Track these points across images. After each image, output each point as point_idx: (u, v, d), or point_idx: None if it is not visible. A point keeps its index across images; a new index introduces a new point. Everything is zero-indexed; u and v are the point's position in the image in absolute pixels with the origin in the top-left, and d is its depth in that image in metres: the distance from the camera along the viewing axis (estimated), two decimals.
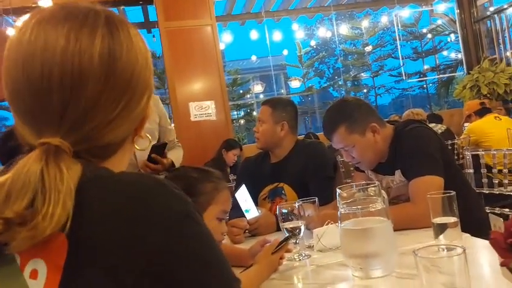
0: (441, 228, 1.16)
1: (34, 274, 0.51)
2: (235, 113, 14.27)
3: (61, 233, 0.51)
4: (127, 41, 0.61)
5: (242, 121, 14.40)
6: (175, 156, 2.33)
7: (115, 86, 0.59)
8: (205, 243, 0.55)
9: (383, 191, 1.14)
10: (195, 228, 0.55)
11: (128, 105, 0.60)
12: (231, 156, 4.97)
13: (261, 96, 14.91)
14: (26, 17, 0.62)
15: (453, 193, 1.18)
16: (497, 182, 2.38)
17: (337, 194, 1.13)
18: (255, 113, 14.12)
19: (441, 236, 1.16)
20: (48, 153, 0.54)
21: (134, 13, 7.22)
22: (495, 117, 4.38)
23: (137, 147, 0.69)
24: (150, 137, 0.80)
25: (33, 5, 5.31)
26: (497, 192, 2.37)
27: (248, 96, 14.68)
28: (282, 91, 19.18)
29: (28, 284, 0.51)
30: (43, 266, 0.51)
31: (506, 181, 2.42)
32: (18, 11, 5.44)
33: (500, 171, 2.43)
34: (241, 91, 14.63)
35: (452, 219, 1.16)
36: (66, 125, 0.57)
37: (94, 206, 0.52)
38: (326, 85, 19.84)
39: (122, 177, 0.57)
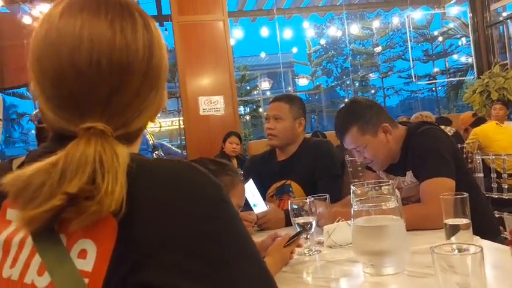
0: (453, 230, 1.17)
1: (83, 254, 0.52)
2: (242, 108, 14.25)
3: (110, 215, 0.52)
4: (157, 34, 0.65)
5: (248, 117, 14.40)
6: None
7: (151, 76, 0.62)
8: (240, 227, 0.58)
9: (396, 190, 1.15)
10: (230, 212, 0.57)
11: (157, 94, 0.65)
12: (228, 146, 4.96)
13: (268, 93, 14.90)
14: (55, 3, 0.62)
15: (466, 195, 1.19)
16: (506, 187, 2.38)
17: (351, 191, 1.15)
18: (261, 110, 14.12)
19: (453, 238, 1.18)
20: (99, 136, 0.56)
21: (147, 6, 7.25)
22: (496, 123, 4.40)
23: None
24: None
25: None
26: (506, 197, 2.37)
27: (255, 92, 14.67)
28: (289, 88, 19.15)
29: (76, 263, 0.52)
30: (93, 247, 0.52)
31: (505, 186, 2.41)
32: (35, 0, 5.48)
33: (510, 175, 2.43)
34: (248, 87, 14.63)
35: (465, 221, 1.17)
36: (110, 111, 0.59)
37: (139, 192, 0.54)
38: (333, 84, 19.79)
39: (162, 164, 0.59)
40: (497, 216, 2.12)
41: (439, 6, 8.78)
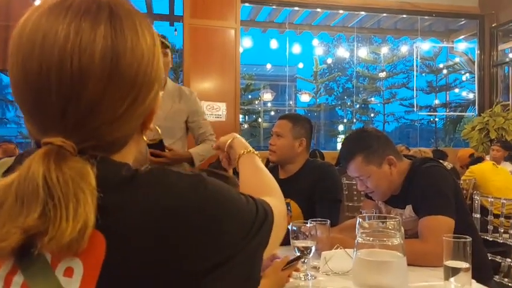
0: (453, 272, 1.17)
1: (69, 272, 0.50)
2: (241, 117, 14.20)
3: (96, 230, 0.49)
4: (132, 36, 0.57)
5: (246, 125, 14.39)
6: (201, 149, 2.42)
7: (119, 83, 0.55)
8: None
9: (402, 227, 1.15)
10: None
11: (135, 102, 0.57)
12: None
13: (269, 104, 14.89)
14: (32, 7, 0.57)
15: (469, 239, 1.19)
16: (502, 230, 2.39)
17: (357, 222, 1.14)
18: (260, 120, 14.13)
19: (452, 279, 1.17)
20: (50, 154, 0.51)
21: (160, 4, 7.26)
22: (492, 163, 4.44)
23: (146, 139, 0.67)
24: (159, 129, 0.80)
25: None
26: (501, 241, 2.37)
27: (256, 103, 14.69)
28: (291, 103, 19.20)
29: (62, 282, 0.49)
30: (79, 264, 0.49)
31: (502, 230, 2.42)
32: None
33: (507, 218, 2.44)
34: (249, 97, 14.65)
35: (465, 265, 1.17)
36: (69, 123, 0.54)
37: (132, 205, 0.52)
38: (333, 104, 19.85)
39: (153, 174, 0.56)
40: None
41: (448, 40, 8.89)
